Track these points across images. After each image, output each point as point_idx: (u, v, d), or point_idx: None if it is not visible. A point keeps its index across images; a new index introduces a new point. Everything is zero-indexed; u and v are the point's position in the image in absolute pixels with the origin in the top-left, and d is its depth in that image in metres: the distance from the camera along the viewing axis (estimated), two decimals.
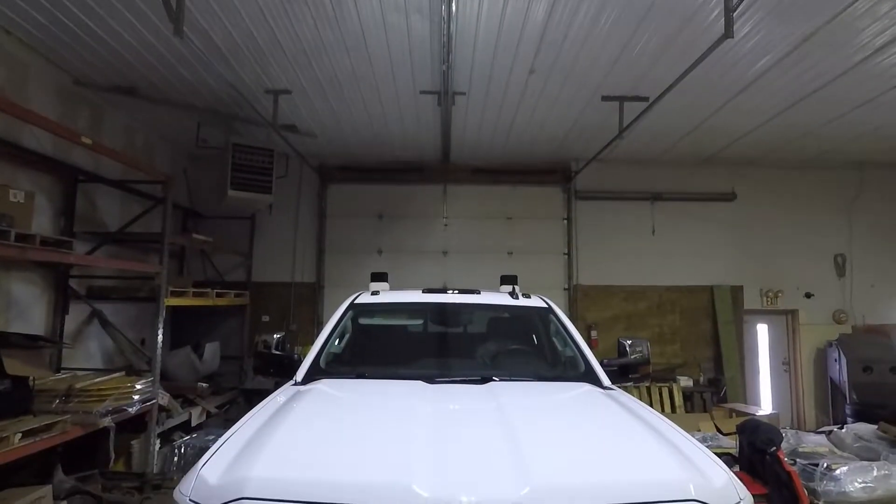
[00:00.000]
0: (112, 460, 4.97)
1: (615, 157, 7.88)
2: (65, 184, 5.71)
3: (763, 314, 8.86)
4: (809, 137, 7.34)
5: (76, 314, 5.85)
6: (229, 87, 5.65)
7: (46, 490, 3.88)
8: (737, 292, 8.65)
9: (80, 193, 5.85)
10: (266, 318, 8.26)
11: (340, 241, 8.55)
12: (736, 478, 1.74)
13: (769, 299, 8.71)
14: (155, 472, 5.57)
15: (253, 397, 6.15)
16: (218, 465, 1.68)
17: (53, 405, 4.46)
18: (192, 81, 5.77)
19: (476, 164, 8.59)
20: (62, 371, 5.45)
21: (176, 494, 1.62)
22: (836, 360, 8.24)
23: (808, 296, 8.73)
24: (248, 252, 8.41)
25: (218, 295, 7.06)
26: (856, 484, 5.28)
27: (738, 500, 1.63)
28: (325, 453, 1.80)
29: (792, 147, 7.76)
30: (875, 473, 5.35)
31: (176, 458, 5.88)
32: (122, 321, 6.35)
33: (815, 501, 5.26)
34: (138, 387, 5.16)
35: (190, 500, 1.55)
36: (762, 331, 8.99)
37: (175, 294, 6.07)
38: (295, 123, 6.96)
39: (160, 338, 5.70)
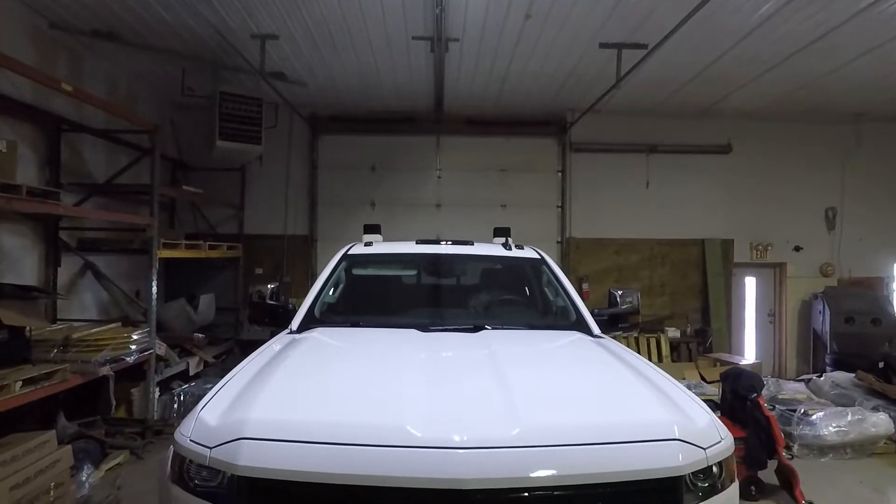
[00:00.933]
0: (113, 407, 5.10)
1: (612, 107, 7.75)
2: (48, 133, 5.56)
3: (752, 267, 9.00)
4: (809, 89, 7.23)
5: (68, 266, 5.83)
6: (214, 32, 5.43)
7: (50, 435, 3.98)
8: (727, 246, 8.75)
9: (64, 143, 5.71)
10: (259, 271, 8.28)
11: (333, 193, 8.47)
12: (717, 419, 1.82)
13: (759, 252, 8.82)
14: (156, 418, 5.72)
15: (249, 348, 6.24)
16: (217, 408, 1.73)
17: (52, 355, 4.52)
18: (174, 25, 5.53)
19: (470, 114, 8.42)
20: (58, 322, 5.49)
21: (177, 436, 1.67)
22: (820, 312, 8.45)
23: (796, 249, 8.85)
24: (240, 204, 8.33)
25: (210, 247, 7.05)
26: (830, 428, 5.54)
27: (720, 439, 1.70)
28: (320, 397, 1.85)
29: (791, 99, 7.65)
30: (849, 418, 5.61)
31: (176, 406, 6.04)
32: (115, 273, 6.35)
33: (791, 444, 5.53)
34: (135, 337, 5.23)
35: (191, 440, 1.60)
36: (750, 283, 9.16)
37: (167, 246, 6.05)
38: (283, 71, 6.74)
39: (154, 289, 5.72)
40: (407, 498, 1.44)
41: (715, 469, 1.64)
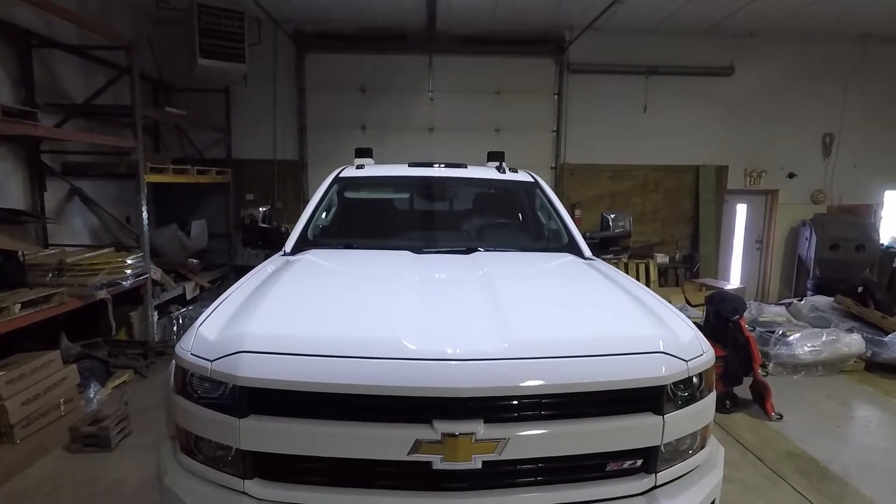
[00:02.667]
0: (114, 329, 5.21)
1: (612, 25, 7.39)
2: (17, 50, 5.24)
3: (744, 194, 9.03)
4: (822, 3, 6.85)
5: (55, 191, 5.72)
6: None
7: (55, 355, 4.10)
8: (721, 172, 8.71)
9: (36, 61, 5.40)
10: (250, 197, 8.20)
11: (322, 116, 8.20)
12: (701, 334, 1.89)
13: (752, 179, 8.81)
14: (156, 340, 5.88)
15: (243, 273, 6.31)
16: (215, 324, 1.77)
17: (47, 279, 4.55)
18: None
19: (464, 32, 8.00)
20: (50, 247, 5.47)
21: (178, 350, 1.72)
22: (806, 239, 8.60)
23: (790, 176, 8.84)
24: (226, 128, 8.08)
25: (199, 172, 6.91)
26: (805, 348, 5.81)
27: (702, 353, 1.78)
28: (316, 313, 1.90)
29: (799, 16, 7.30)
30: (823, 339, 5.88)
31: (175, 328, 6.18)
32: (103, 199, 6.25)
33: (767, 363, 5.82)
34: (129, 262, 5.25)
35: (191, 353, 1.66)
36: (741, 210, 9.23)
37: (154, 170, 5.93)
38: None
39: (145, 214, 5.67)
40: (401, 406, 1.52)
41: (695, 380, 1.74)
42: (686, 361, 1.70)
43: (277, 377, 1.53)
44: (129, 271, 5.21)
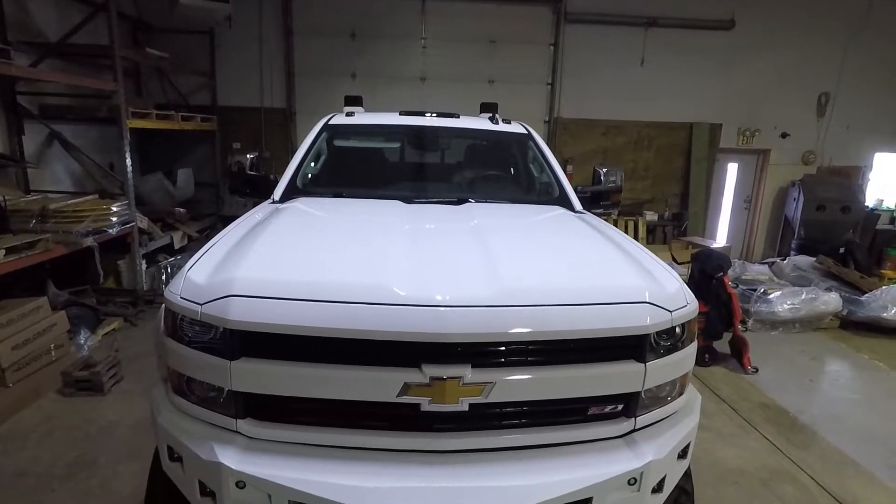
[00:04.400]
0: (101, 277, 5.19)
1: None
2: None
3: (736, 153, 9.01)
4: None
5: (33, 135, 5.54)
6: None
7: (43, 301, 4.08)
8: (715, 130, 8.65)
9: None
10: (237, 146, 8.01)
11: (311, 62, 7.92)
12: (686, 286, 1.92)
13: (745, 138, 8.77)
14: (145, 289, 5.87)
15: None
16: (204, 268, 1.77)
17: (31, 225, 4.48)
18: None
19: None
20: (32, 193, 5.35)
21: (167, 293, 1.72)
22: (794, 199, 8.66)
23: (783, 136, 8.81)
24: (211, 72, 7.79)
25: (184, 119, 6.71)
26: (784, 305, 5.97)
27: (686, 304, 1.82)
28: (306, 259, 1.90)
29: None
30: (802, 297, 6.03)
31: (164, 277, 6.16)
32: (85, 144, 6.07)
33: (747, 319, 5.99)
34: (115, 209, 5.16)
35: (181, 297, 1.66)
36: (732, 169, 9.23)
37: (137, 116, 5.74)
38: None
39: (129, 161, 5.53)
40: (391, 350, 1.54)
41: (678, 330, 1.78)
42: (670, 312, 1.73)
43: (268, 321, 1.54)
44: (114, 219, 5.13)
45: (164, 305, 1.78)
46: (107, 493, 2.93)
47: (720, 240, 9.25)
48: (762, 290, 6.19)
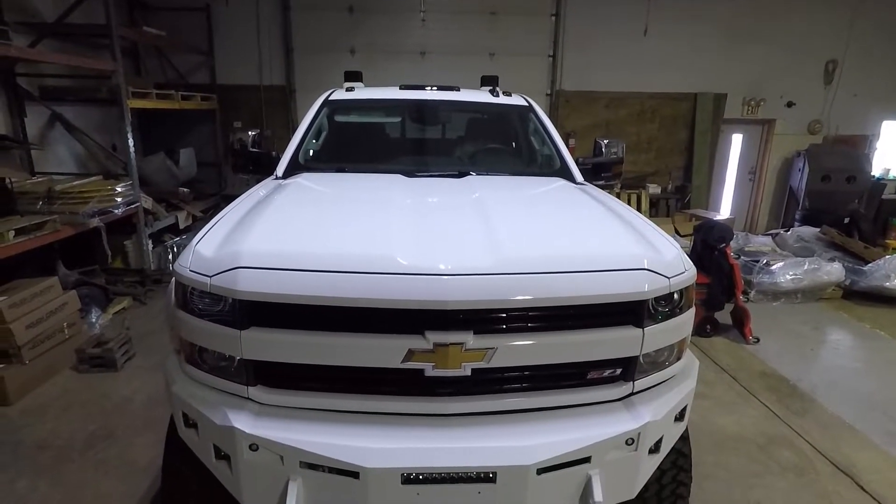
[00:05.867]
0: (109, 257, 5.25)
1: None
2: None
3: (741, 124, 8.92)
4: None
5: (35, 117, 5.56)
6: None
7: (53, 280, 4.15)
8: (720, 100, 8.55)
9: None
10: (238, 124, 7.99)
11: (309, 38, 7.84)
12: (684, 253, 1.95)
13: (750, 108, 8.66)
14: (152, 268, 5.94)
15: None
16: (211, 242, 1.81)
17: (38, 207, 4.53)
18: None
19: None
20: (37, 175, 5.40)
21: (176, 266, 1.76)
22: (799, 170, 8.60)
23: (789, 105, 8.70)
24: (209, 50, 7.73)
25: (183, 98, 6.70)
26: (787, 276, 5.99)
27: (684, 270, 1.85)
28: (311, 231, 1.94)
29: None
30: (805, 267, 6.04)
31: (170, 257, 6.23)
32: (87, 125, 6.08)
33: (749, 290, 6.01)
34: (119, 189, 5.21)
35: (190, 270, 1.70)
36: (737, 140, 9.15)
37: (137, 95, 5.73)
38: None
39: (131, 142, 5.55)
40: (395, 318, 1.59)
41: (676, 296, 1.82)
42: (668, 278, 1.76)
43: (275, 291, 1.58)
44: (119, 199, 5.18)
45: (173, 279, 1.83)
46: (124, 463, 3.04)
47: (724, 212, 9.22)
48: (764, 262, 6.19)
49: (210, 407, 1.69)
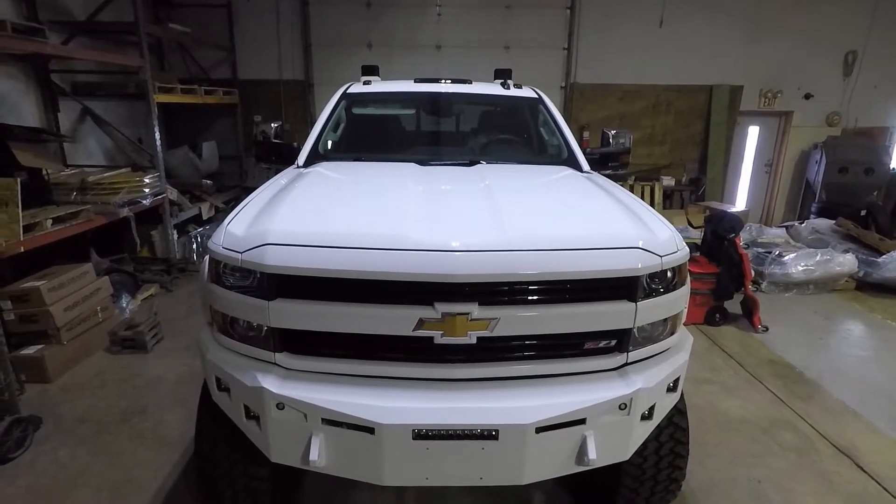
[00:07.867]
0: (138, 245, 5.51)
1: None
2: None
3: (757, 116, 8.87)
4: None
5: (68, 112, 5.82)
6: None
7: (88, 267, 4.40)
8: (736, 92, 8.52)
9: None
10: (258, 118, 8.22)
11: (327, 33, 8.02)
12: (678, 235, 2.07)
13: (767, 100, 8.62)
14: (178, 257, 6.20)
15: None
16: (241, 222, 1.99)
17: (72, 197, 4.78)
18: None
19: None
20: (69, 167, 5.67)
21: (210, 244, 1.95)
22: (816, 162, 8.54)
23: (807, 97, 8.63)
24: (230, 46, 7.96)
25: (206, 92, 6.94)
26: (798, 267, 6.00)
27: (677, 250, 1.98)
28: (331, 213, 2.12)
29: None
30: (818, 258, 6.04)
31: (195, 246, 6.49)
32: (115, 119, 6.35)
33: (760, 281, 6.05)
34: (147, 181, 5.45)
35: (223, 247, 1.88)
36: (753, 133, 9.11)
37: (163, 90, 5.97)
38: None
39: (157, 135, 5.79)
40: (407, 290, 1.75)
41: (669, 273, 1.94)
42: (661, 257, 1.89)
43: (300, 265, 1.75)
44: (147, 190, 5.42)
45: (206, 257, 2.01)
46: (157, 436, 3.26)
47: (739, 204, 9.20)
48: (777, 253, 6.21)
49: (241, 371, 1.87)
